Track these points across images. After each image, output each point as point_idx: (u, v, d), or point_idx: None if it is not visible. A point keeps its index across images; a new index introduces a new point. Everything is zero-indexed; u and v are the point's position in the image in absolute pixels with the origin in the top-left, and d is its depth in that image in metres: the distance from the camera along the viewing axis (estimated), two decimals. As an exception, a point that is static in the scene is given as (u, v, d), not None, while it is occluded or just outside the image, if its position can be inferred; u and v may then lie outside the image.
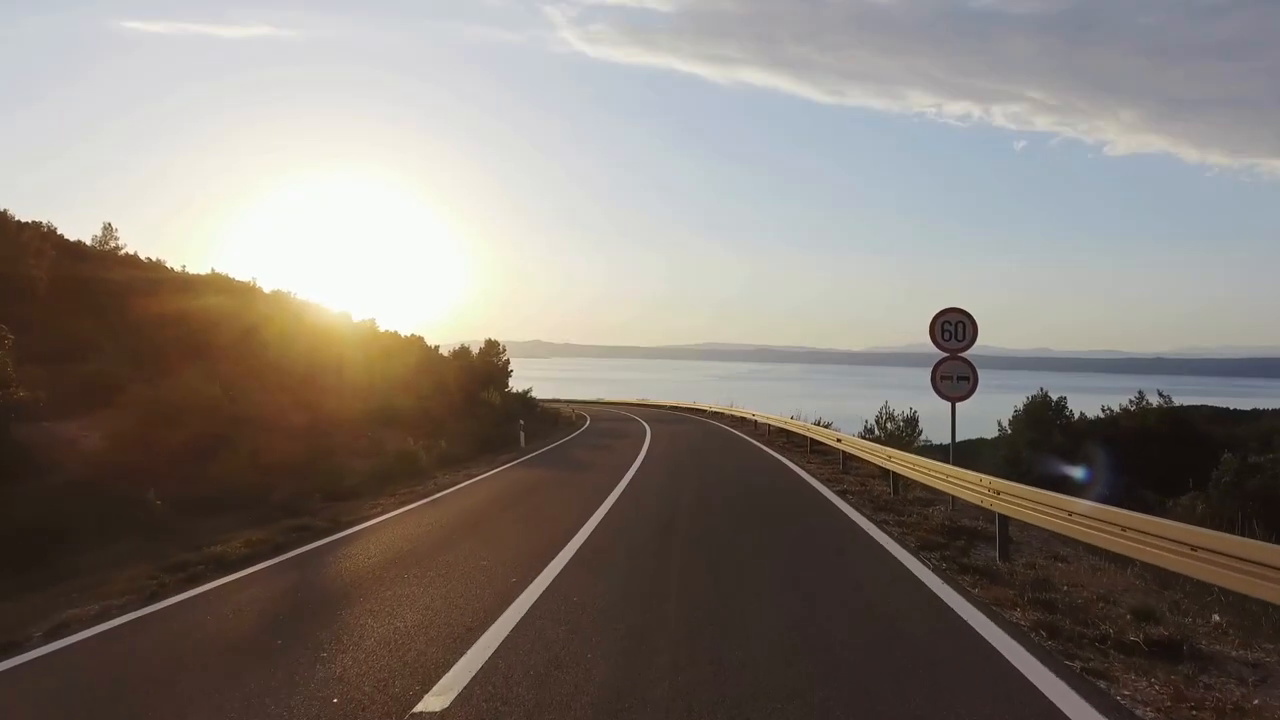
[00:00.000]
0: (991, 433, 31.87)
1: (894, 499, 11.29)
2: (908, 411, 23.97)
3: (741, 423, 33.45)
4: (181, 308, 22.25)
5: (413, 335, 36.28)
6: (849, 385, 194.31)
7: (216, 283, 28.53)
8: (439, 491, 13.59)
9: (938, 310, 10.50)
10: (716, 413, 40.62)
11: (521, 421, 24.35)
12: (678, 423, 36.46)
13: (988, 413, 22.36)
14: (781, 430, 25.20)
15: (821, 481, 13.72)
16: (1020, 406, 28.98)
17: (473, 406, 27.80)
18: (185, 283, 27.12)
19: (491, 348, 44.47)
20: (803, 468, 16.29)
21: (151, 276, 25.41)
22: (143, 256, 29.07)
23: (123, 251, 28.44)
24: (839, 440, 16.20)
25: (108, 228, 28.89)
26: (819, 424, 22.49)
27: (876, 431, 24.32)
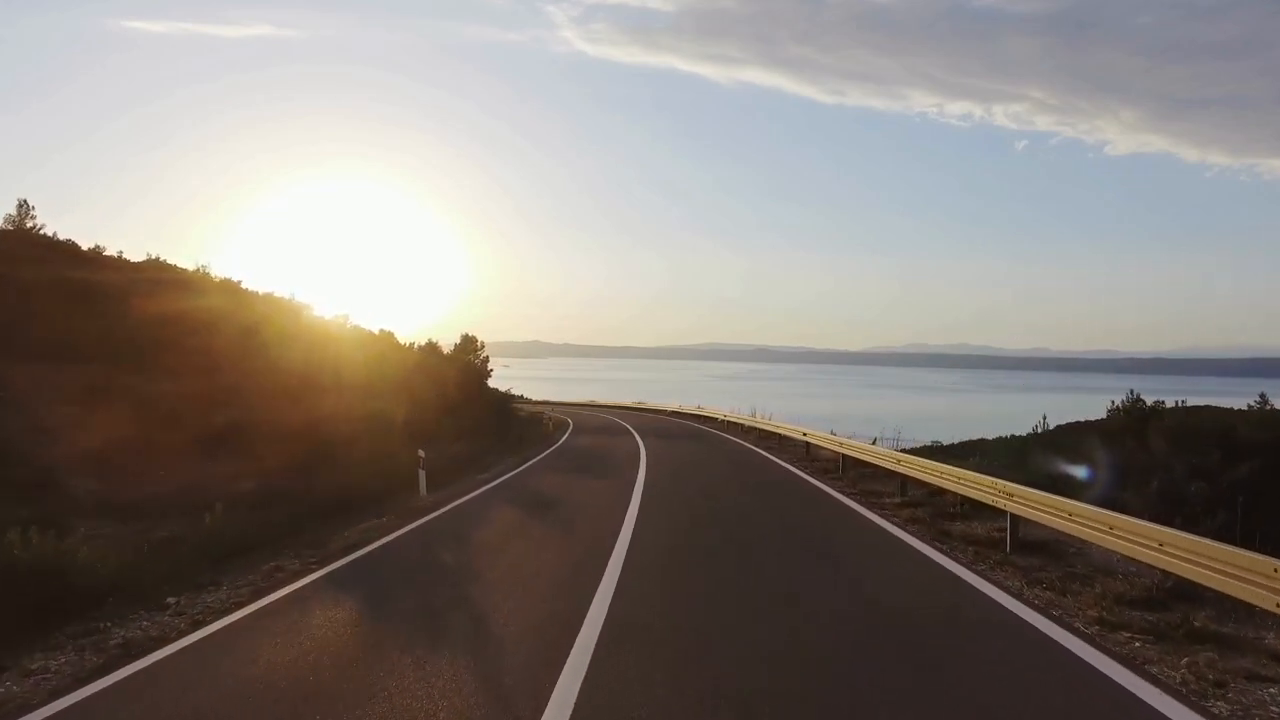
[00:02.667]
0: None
1: None
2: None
3: (776, 440, 25.41)
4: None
5: (381, 331, 31.74)
6: (852, 385, 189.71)
7: (154, 271, 24.39)
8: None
9: None
10: (732, 424, 32.19)
11: (421, 453, 15.11)
12: (684, 439, 28.21)
13: (989, 412, 15.75)
14: (860, 461, 16.08)
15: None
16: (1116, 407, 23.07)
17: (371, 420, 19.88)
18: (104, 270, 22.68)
19: (468, 344, 38.78)
20: (1069, 628, 6.03)
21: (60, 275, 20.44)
22: (62, 238, 25.01)
23: (39, 232, 24.79)
24: (1161, 545, 6.20)
25: (23, 205, 25.02)
26: (1000, 484, 9.61)
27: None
